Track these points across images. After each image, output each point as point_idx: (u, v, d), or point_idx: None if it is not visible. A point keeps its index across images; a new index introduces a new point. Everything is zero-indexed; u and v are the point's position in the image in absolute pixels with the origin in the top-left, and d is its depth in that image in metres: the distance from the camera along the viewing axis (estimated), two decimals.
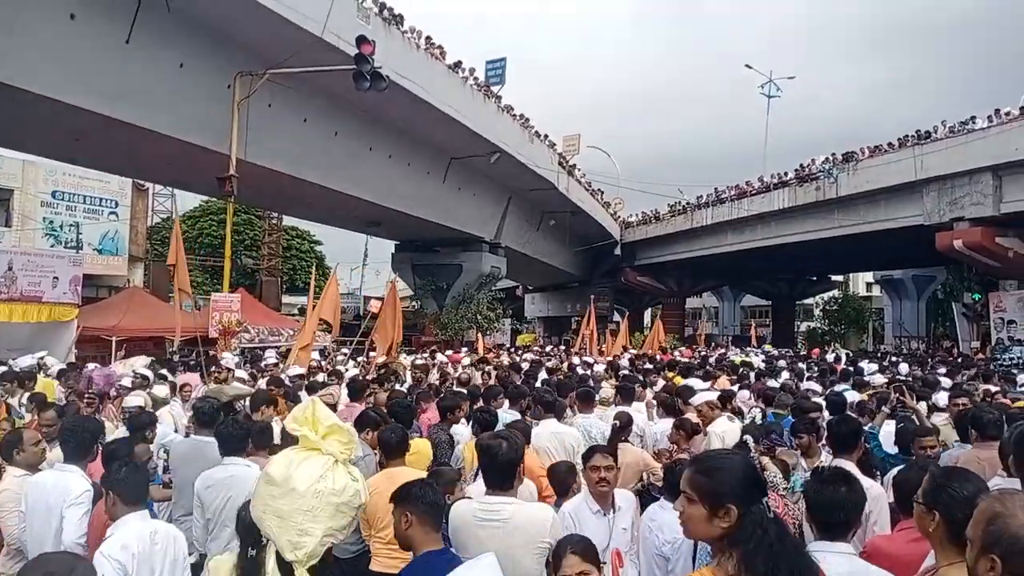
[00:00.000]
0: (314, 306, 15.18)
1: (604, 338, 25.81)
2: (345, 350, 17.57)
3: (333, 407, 6.90)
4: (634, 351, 23.12)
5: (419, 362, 15.81)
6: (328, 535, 2.76)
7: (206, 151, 19.60)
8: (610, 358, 19.53)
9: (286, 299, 41.29)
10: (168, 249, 37.40)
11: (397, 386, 10.76)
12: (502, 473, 3.67)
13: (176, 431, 7.19)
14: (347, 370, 13.12)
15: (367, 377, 11.29)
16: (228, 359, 13.26)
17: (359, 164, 25.61)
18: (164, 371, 11.75)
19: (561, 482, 4.83)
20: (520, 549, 3.44)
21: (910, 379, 13.49)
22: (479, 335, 29.18)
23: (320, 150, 23.67)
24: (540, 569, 3.43)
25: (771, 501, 4.35)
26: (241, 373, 11.68)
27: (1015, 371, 16.83)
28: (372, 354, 14.55)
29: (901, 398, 6.77)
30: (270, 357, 15.77)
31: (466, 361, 16.42)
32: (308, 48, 18.58)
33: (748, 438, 5.84)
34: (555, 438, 6.54)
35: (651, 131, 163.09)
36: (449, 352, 20.44)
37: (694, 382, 9.98)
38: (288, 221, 44.05)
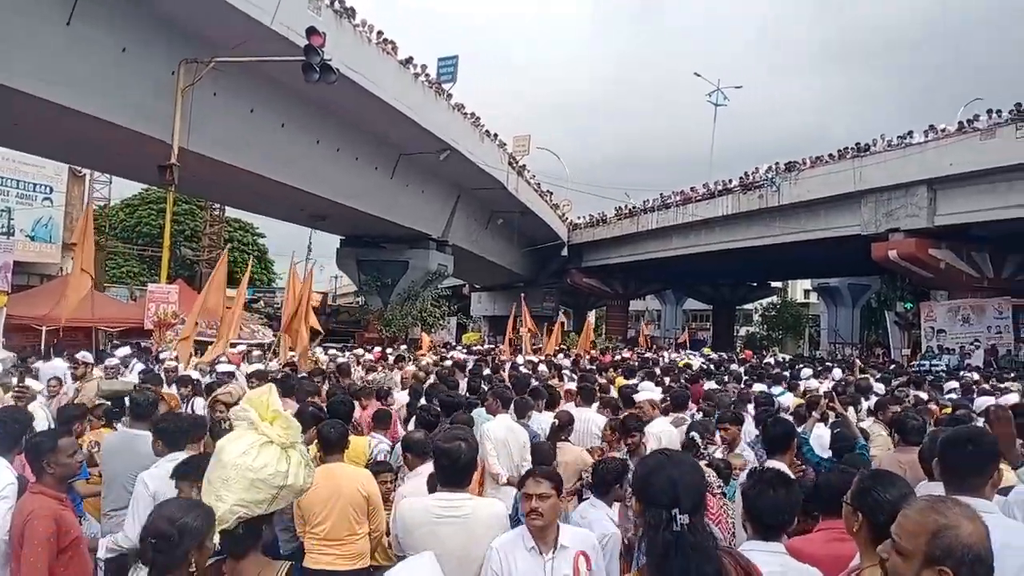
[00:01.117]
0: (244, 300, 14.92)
1: (541, 338, 25.91)
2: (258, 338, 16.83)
3: (232, 405, 6.74)
4: (573, 352, 23.22)
5: (341, 360, 15.32)
6: (240, 505, 2.91)
7: (147, 138, 19.06)
8: (544, 357, 19.55)
9: (227, 292, 40.44)
10: (103, 237, 36.39)
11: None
12: (461, 473, 3.69)
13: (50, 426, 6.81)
14: (266, 365, 12.62)
15: (278, 371, 11.02)
16: (85, 355, 12.41)
17: (306, 157, 25.23)
18: (38, 363, 11.41)
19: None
20: (480, 543, 3.47)
21: (844, 385, 13.94)
22: (423, 333, 29.02)
23: (266, 141, 23.25)
24: None
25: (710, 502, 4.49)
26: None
27: (943, 377, 17.43)
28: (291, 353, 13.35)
29: (831, 404, 6.97)
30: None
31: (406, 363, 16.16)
32: (257, 37, 18.25)
33: (695, 435, 5.96)
34: (509, 433, 6.57)
35: (601, 134, 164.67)
36: (377, 349, 20.12)
37: (646, 385, 10.00)
38: (231, 212, 43.19)
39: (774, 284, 58.98)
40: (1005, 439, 4.19)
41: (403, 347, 22.75)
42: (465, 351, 25.19)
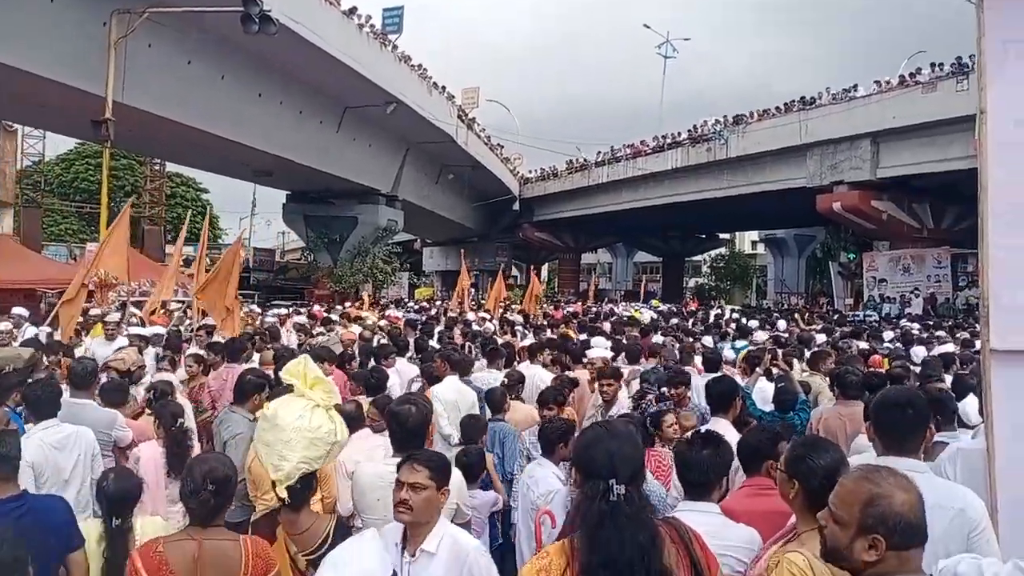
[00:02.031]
0: (207, 261, 13.22)
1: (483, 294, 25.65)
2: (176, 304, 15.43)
3: (125, 373, 6.49)
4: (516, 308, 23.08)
5: (269, 321, 14.31)
6: (303, 462, 3.39)
7: (80, 92, 18.28)
8: (496, 314, 19.47)
9: (170, 249, 39.41)
10: (39, 193, 35.05)
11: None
12: (412, 436, 3.72)
13: None
14: (189, 331, 11.39)
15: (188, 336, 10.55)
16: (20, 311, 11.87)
17: (247, 110, 24.53)
18: None
19: None
20: None
21: (787, 335, 14.22)
22: (365, 290, 28.72)
23: (205, 95, 22.50)
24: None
25: (655, 457, 4.54)
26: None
27: (882, 327, 17.85)
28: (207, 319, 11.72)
29: (774, 361, 7.10)
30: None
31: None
32: None
33: (645, 385, 6.03)
34: (458, 394, 6.56)
35: (551, 87, 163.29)
36: (318, 309, 19.58)
37: (598, 341, 10.02)
38: (172, 167, 41.95)
39: (722, 236, 59.78)
40: None
41: (347, 306, 22.27)
42: (416, 308, 25.02)
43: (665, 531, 2.35)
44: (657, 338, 12.04)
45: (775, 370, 7.15)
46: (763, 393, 6.68)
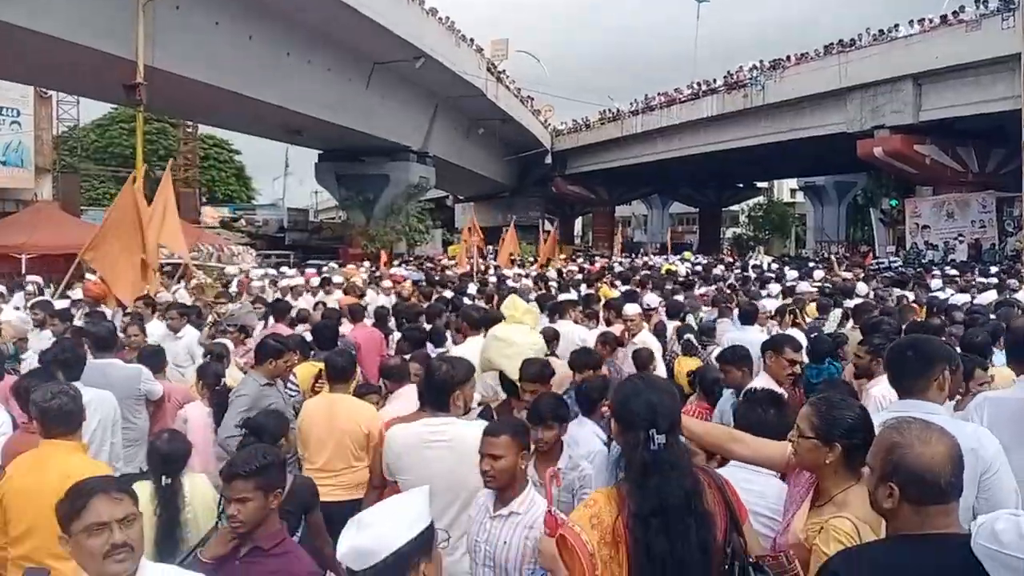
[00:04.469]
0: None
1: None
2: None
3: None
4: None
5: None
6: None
7: (111, 57, 18.35)
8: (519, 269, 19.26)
9: (206, 211, 39.85)
10: (75, 159, 35.49)
11: (232, 305, 10.08)
12: (438, 393, 3.72)
13: None
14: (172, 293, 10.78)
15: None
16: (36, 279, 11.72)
17: (276, 70, 24.50)
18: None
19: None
20: (465, 467, 3.49)
21: (826, 285, 13.97)
22: (383, 250, 28.67)
23: (233, 56, 22.50)
24: (480, 484, 3.52)
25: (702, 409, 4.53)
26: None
27: (935, 272, 17.35)
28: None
29: (796, 320, 7.04)
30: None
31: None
32: None
33: (690, 337, 6.06)
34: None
35: (581, 35, 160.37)
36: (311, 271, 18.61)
37: (651, 298, 9.77)
38: (205, 130, 42.17)
39: (760, 185, 58.76)
40: None
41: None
42: (418, 264, 24.78)
43: (703, 476, 2.42)
44: (700, 291, 11.93)
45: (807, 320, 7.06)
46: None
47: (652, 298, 9.64)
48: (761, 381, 4.63)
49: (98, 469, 3.17)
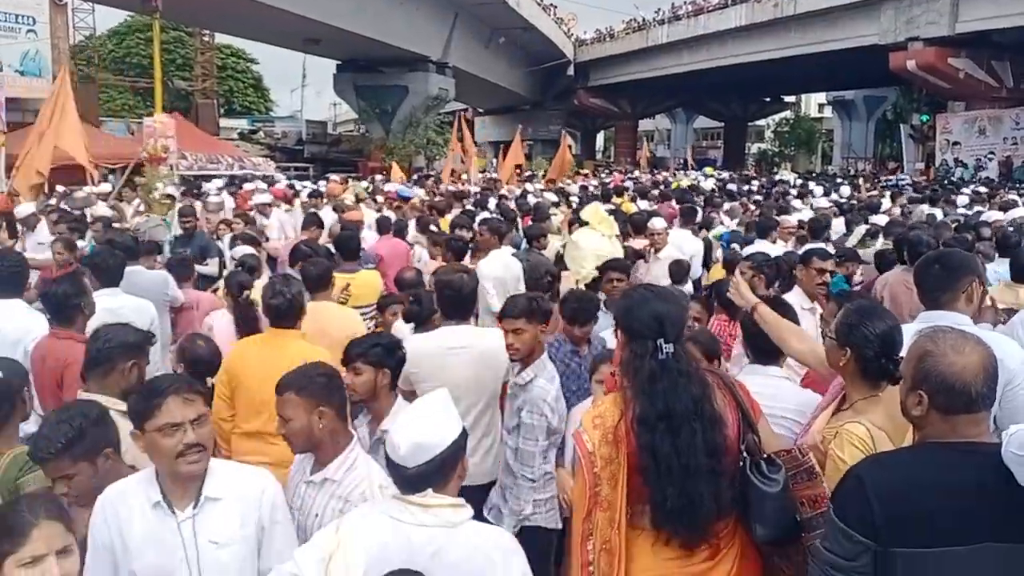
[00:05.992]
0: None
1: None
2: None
3: None
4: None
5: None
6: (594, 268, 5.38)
7: None
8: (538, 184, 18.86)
9: (224, 123, 39.53)
10: (92, 69, 35.14)
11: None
12: (464, 304, 3.93)
13: None
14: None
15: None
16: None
17: None
18: None
19: None
20: (485, 372, 3.72)
21: (853, 201, 13.79)
22: (394, 162, 28.06)
23: None
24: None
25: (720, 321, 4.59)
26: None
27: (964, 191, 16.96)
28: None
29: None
30: (213, 192, 13.22)
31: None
32: None
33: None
34: (506, 270, 6.20)
35: None
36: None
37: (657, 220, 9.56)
38: (221, 39, 41.44)
39: (787, 99, 57.29)
40: None
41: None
42: (416, 179, 23.53)
43: (712, 379, 2.46)
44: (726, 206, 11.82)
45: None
46: None
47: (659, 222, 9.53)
48: (794, 296, 4.64)
49: (321, 355, 3.23)
